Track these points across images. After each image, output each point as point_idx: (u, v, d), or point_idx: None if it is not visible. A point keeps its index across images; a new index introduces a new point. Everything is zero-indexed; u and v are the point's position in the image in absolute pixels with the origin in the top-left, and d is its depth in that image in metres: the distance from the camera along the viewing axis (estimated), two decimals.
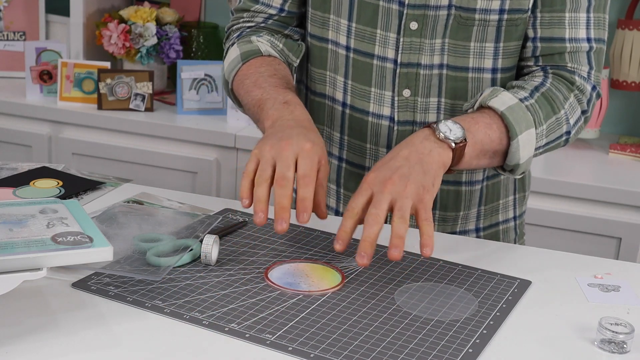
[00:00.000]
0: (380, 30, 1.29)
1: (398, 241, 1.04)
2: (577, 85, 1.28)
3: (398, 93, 1.31)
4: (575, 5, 1.26)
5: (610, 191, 2.11)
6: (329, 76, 1.36)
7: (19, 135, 2.57)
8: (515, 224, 1.46)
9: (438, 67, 1.29)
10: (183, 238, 1.16)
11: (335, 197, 1.43)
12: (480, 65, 1.29)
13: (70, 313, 0.98)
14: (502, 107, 1.20)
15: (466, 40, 1.28)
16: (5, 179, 1.37)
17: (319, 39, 1.36)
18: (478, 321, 1.02)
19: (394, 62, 1.30)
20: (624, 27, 2.38)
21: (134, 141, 2.48)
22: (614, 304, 1.10)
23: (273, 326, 0.97)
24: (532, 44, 1.29)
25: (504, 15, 1.26)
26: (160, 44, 2.63)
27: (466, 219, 1.40)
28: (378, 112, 1.33)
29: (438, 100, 1.31)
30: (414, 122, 1.32)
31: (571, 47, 1.27)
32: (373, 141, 1.35)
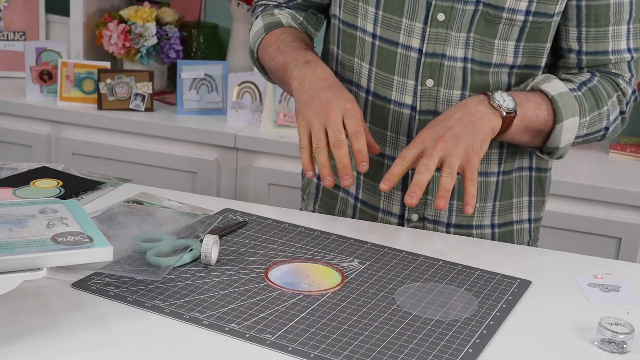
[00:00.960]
0: (405, 19, 1.31)
1: (445, 193, 1.16)
2: (621, 87, 1.35)
3: (421, 82, 1.32)
4: (618, 19, 1.31)
5: (610, 191, 2.11)
6: (356, 63, 1.38)
7: (19, 135, 2.57)
8: (530, 227, 1.46)
9: (462, 60, 1.31)
10: (183, 238, 1.16)
11: (355, 182, 1.42)
12: (502, 61, 1.32)
13: (70, 313, 0.98)
14: (553, 92, 1.28)
15: (491, 36, 1.30)
16: (5, 179, 1.37)
17: (350, 25, 1.38)
18: (478, 321, 1.02)
19: (418, 51, 1.31)
20: None
21: (134, 141, 2.48)
22: (614, 304, 1.10)
23: (273, 326, 0.97)
24: (576, 57, 1.35)
25: (530, 17, 1.28)
26: (160, 44, 2.63)
27: (482, 212, 1.40)
28: (400, 100, 1.34)
29: (462, 93, 1.32)
30: (435, 112, 1.33)
31: (614, 59, 1.34)
32: (394, 129, 1.36)
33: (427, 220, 1.38)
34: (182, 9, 2.80)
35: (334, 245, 1.22)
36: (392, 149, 1.37)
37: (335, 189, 1.46)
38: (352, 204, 1.43)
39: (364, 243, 1.23)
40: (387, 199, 1.39)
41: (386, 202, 1.39)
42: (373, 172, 1.39)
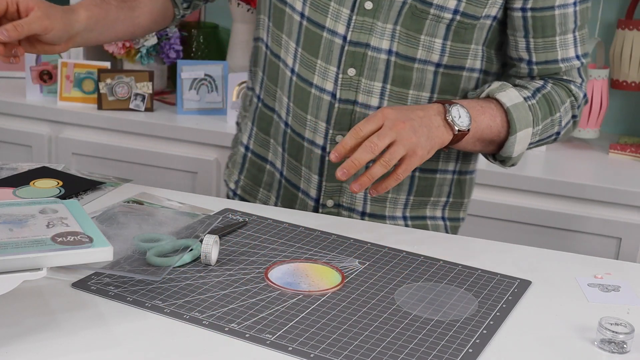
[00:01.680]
0: (334, 2, 1.31)
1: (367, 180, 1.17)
2: (573, 93, 1.38)
3: (343, 71, 1.32)
4: (564, 29, 1.33)
5: (610, 191, 2.10)
6: (284, 39, 1.38)
7: (19, 135, 2.57)
8: (445, 225, 1.47)
9: (386, 52, 1.31)
10: (183, 238, 1.16)
11: (280, 159, 1.44)
12: (428, 58, 1.32)
13: (70, 313, 0.98)
14: (508, 102, 1.30)
15: (417, 31, 1.30)
16: (5, 179, 1.37)
17: (280, 0, 1.37)
18: (478, 321, 1.02)
19: (343, 38, 1.31)
20: (624, 27, 2.38)
21: (134, 141, 2.48)
22: (614, 304, 1.10)
23: (273, 326, 0.97)
24: (527, 67, 1.37)
25: (457, 16, 1.30)
26: (160, 44, 2.63)
27: (395, 203, 1.41)
28: (321, 85, 1.34)
29: (383, 85, 1.33)
30: (355, 102, 1.34)
31: (565, 67, 1.37)
32: (314, 113, 1.36)
33: (342, 207, 1.40)
34: None
35: (334, 245, 1.22)
36: (312, 133, 1.37)
37: (262, 162, 1.47)
38: (278, 179, 1.45)
39: (364, 243, 1.23)
40: (306, 180, 1.40)
41: (305, 184, 1.41)
42: (295, 152, 1.40)
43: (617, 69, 2.41)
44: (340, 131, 1.35)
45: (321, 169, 1.38)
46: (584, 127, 2.39)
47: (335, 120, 1.35)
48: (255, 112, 1.47)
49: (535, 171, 2.17)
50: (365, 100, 1.33)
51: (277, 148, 1.44)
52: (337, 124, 1.35)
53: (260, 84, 1.46)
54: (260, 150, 1.47)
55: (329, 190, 1.39)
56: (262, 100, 1.45)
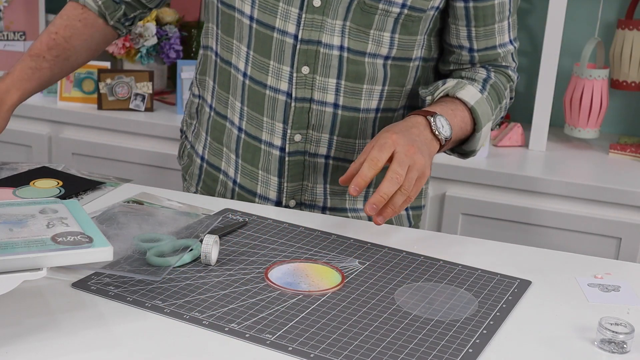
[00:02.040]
0: (282, 3, 1.31)
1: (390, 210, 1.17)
2: (511, 77, 1.44)
3: (297, 69, 1.33)
4: (502, 17, 1.38)
5: (610, 191, 2.11)
6: (235, 44, 1.38)
7: (19, 135, 2.57)
8: (408, 214, 1.50)
9: (338, 48, 1.33)
10: (183, 238, 1.16)
11: (234, 166, 1.44)
12: (377, 51, 1.35)
13: (70, 313, 0.98)
14: (471, 101, 1.34)
15: (367, 27, 1.32)
16: (5, 179, 1.37)
17: (228, 6, 1.37)
18: (478, 321, 1.02)
19: (294, 37, 1.32)
20: (624, 27, 2.38)
21: (134, 141, 2.48)
22: (614, 304, 1.10)
23: (273, 326, 0.97)
24: (469, 54, 1.41)
25: (405, 10, 1.32)
26: (160, 44, 2.63)
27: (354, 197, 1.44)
28: (276, 86, 1.35)
29: (337, 81, 1.34)
30: (311, 100, 1.35)
31: (502, 52, 1.42)
32: (270, 115, 1.37)
33: (304, 205, 1.42)
34: (182, 9, 2.80)
35: (334, 245, 1.22)
36: (269, 135, 1.38)
37: (216, 172, 1.47)
38: (231, 188, 1.45)
39: (364, 243, 1.23)
40: (264, 184, 1.41)
41: (263, 188, 1.41)
42: (251, 157, 1.41)
43: (617, 69, 2.41)
44: (298, 130, 1.36)
45: (280, 170, 1.39)
46: (584, 127, 2.39)
47: (292, 120, 1.36)
48: (209, 122, 1.47)
49: (535, 171, 2.18)
50: (321, 98, 1.35)
51: (230, 155, 1.44)
52: (295, 123, 1.36)
53: (211, 92, 1.46)
54: (214, 160, 1.47)
55: (290, 191, 1.40)
56: (214, 109, 1.45)
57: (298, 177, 1.40)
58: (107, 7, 1.47)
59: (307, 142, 1.38)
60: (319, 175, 1.41)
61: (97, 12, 1.46)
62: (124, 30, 1.51)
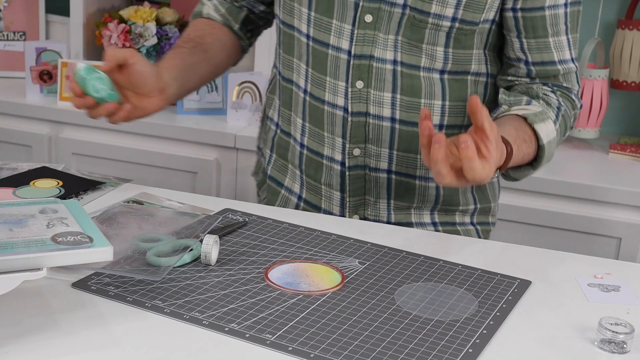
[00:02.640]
0: (336, 20, 1.32)
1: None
2: (574, 104, 1.39)
3: (351, 84, 1.33)
4: (555, 30, 1.33)
5: (610, 191, 2.10)
6: (295, 63, 1.40)
7: (19, 135, 2.57)
8: (477, 229, 1.47)
9: (392, 62, 1.32)
10: (183, 238, 1.16)
11: (299, 182, 1.45)
12: (432, 65, 1.33)
13: (70, 313, 0.98)
14: (545, 139, 1.30)
15: (418, 41, 1.31)
16: (5, 179, 1.37)
17: (288, 26, 1.39)
18: (478, 321, 1.02)
19: (347, 52, 1.32)
20: (624, 27, 2.38)
21: (134, 141, 2.48)
22: (614, 304, 1.10)
23: (273, 326, 0.97)
24: (525, 67, 1.36)
25: (456, 24, 1.30)
26: (160, 44, 2.63)
27: (420, 210, 1.42)
28: (333, 101, 1.35)
29: (393, 95, 1.33)
30: (367, 114, 1.34)
31: (562, 69, 1.36)
32: (329, 130, 1.37)
33: (367, 219, 1.40)
34: (182, 9, 2.79)
35: (334, 245, 1.22)
36: (330, 149, 1.38)
37: (277, 187, 1.48)
38: (295, 203, 1.46)
39: (364, 243, 1.23)
40: (328, 199, 1.41)
41: (327, 202, 1.41)
42: (314, 172, 1.41)
43: (617, 69, 2.41)
44: (356, 144, 1.36)
45: (342, 185, 1.39)
46: (584, 127, 2.39)
47: (350, 134, 1.36)
48: (274, 139, 1.49)
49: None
50: (377, 112, 1.34)
51: (295, 171, 1.45)
52: (353, 137, 1.36)
53: (277, 111, 1.48)
54: (277, 175, 1.49)
55: (352, 205, 1.40)
56: (280, 127, 1.47)
57: (360, 192, 1.39)
58: (231, 13, 1.49)
59: (366, 156, 1.37)
60: (382, 190, 1.39)
61: (221, 22, 1.49)
62: (246, 40, 1.53)
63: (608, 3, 2.48)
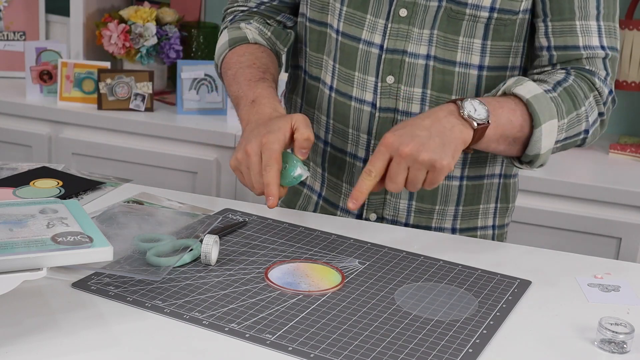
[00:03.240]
0: (370, 15, 1.31)
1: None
2: (597, 87, 1.29)
3: (382, 79, 1.32)
4: (584, 13, 1.27)
5: (610, 191, 2.10)
6: (324, 60, 1.38)
7: (19, 135, 2.57)
8: (493, 233, 1.44)
9: (425, 57, 1.30)
10: (183, 238, 1.16)
11: (320, 180, 1.44)
12: (468, 60, 1.30)
13: (70, 313, 0.98)
14: (527, 94, 1.21)
15: (455, 34, 1.29)
16: (5, 179, 1.37)
17: (319, 23, 1.38)
18: (478, 321, 1.02)
19: (379, 47, 1.31)
20: (624, 27, 2.38)
21: (134, 141, 2.48)
22: (614, 304, 1.10)
23: (273, 326, 0.97)
24: (547, 53, 1.30)
25: (494, 14, 1.27)
26: (160, 44, 2.63)
27: (442, 215, 1.39)
28: (360, 97, 1.34)
29: (423, 91, 1.31)
30: (396, 110, 1.33)
31: (587, 54, 1.28)
32: (355, 126, 1.36)
33: (385, 220, 1.39)
34: (182, 9, 2.80)
35: (334, 245, 1.22)
36: (354, 147, 1.37)
37: (300, 186, 1.47)
38: (315, 201, 1.45)
39: (364, 243, 1.23)
40: (347, 197, 1.39)
41: (346, 200, 1.38)
42: (337, 170, 1.40)
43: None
44: None
45: None
46: None
47: (376, 131, 1.34)
48: None
49: (535, 171, 2.17)
50: (405, 108, 1.32)
51: (317, 169, 1.44)
52: (378, 133, 1.34)
53: (299, 110, 1.46)
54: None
55: (372, 204, 1.38)
56: None
57: (381, 191, 1.34)
58: (278, 36, 1.45)
59: None
60: (404, 190, 1.34)
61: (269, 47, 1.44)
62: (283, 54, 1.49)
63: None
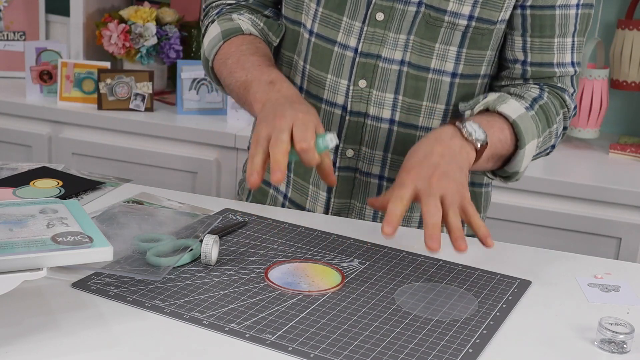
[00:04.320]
0: (346, 17, 1.29)
1: (460, 234, 1.08)
2: (567, 104, 1.34)
3: (354, 82, 1.31)
4: (563, 30, 1.30)
5: (610, 191, 2.10)
6: (295, 59, 1.37)
7: (19, 135, 2.57)
8: None
9: (399, 62, 1.29)
10: (183, 238, 1.16)
11: (285, 180, 1.41)
12: (442, 67, 1.30)
13: (70, 313, 0.98)
14: (513, 114, 1.24)
15: (432, 40, 1.28)
16: (5, 179, 1.37)
17: (292, 21, 1.36)
18: (478, 321, 1.02)
19: (354, 50, 1.30)
20: (624, 27, 2.38)
21: (134, 141, 2.48)
22: (614, 304, 1.10)
23: (273, 326, 0.97)
24: (521, 67, 1.33)
25: (472, 22, 1.27)
26: (160, 44, 2.63)
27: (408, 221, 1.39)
28: (331, 99, 1.33)
29: (395, 96, 1.31)
30: (366, 115, 1.32)
31: (559, 72, 1.32)
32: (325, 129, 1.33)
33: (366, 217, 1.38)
34: (182, 9, 2.80)
35: (334, 245, 1.22)
36: None
37: (266, 186, 1.46)
38: (281, 202, 1.44)
39: (364, 243, 1.23)
40: (313, 200, 1.39)
41: (311, 203, 1.39)
42: (303, 172, 1.39)
43: (617, 69, 2.41)
44: (350, 145, 1.34)
45: (329, 186, 1.36)
46: (584, 127, 2.39)
47: (345, 134, 1.33)
48: None
49: (535, 171, 2.17)
50: (376, 113, 1.32)
51: None
52: (348, 137, 1.34)
53: None
54: (266, 175, 1.42)
55: (336, 208, 1.38)
56: None
57: (346, 195, 1.36)
58: (270, 27, 1.39)
59: (359, 159, 1.35)
60: (370, 196, 1.35)
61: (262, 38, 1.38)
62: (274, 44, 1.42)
63: (608, 3, 2.48)
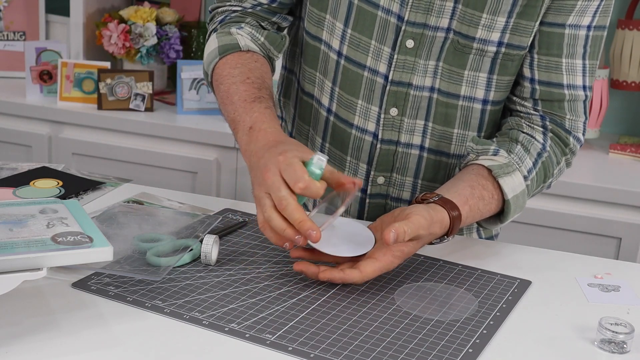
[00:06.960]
0: (375, 41, 1.26)
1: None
2: (570, 148, 1.30)
3: (385, 110, 1.28)
4: (571, 51, 1.25)
5: (610, 191, 2.10)
6: (318, 77, 1.33)
7: (19, 135, 2.57)
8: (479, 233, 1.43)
9: (429, 89, 1.27)
10: (183, 238, 1.16)
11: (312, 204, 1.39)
12: (472, 94, 1.28)
13: (70, 313, 0.98)
14: (510, 193, 1.21)
15: (461, 67, 1.26)
16: (5, 179, 1.37)
17: (313, 37, 1.32)
18: (478, 321, 1.02)
19: (384, 77, 1.27)
20: (624, 27, 2.38)
21: (134, 141, 2.48)
22: (614, 304, 1.10)
23: (273, 326, 0.97)
24: (530, 85, 1.28)
25: (502, 49, 1.24)
26: (160, 44, 2.63)
27: None
28: (362, 126, 1.30)
29: (425, 123, 1.29)
30: (397, 143, 1.30)
31: (569, 95, 1.27)
32: (354, 155, 1.33)
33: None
34: (182, 9, 2.80)
35: None
36: (351, 175, 1.33)
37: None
38: None
39: None
40: None
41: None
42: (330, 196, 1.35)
43: (617, 69, 2.41)
44: (381, 172, 1.32)
45: (360, 212, 1.36)
46: None
47: (377, 162, 1.31)
48: None
49: None
50: (407, 140, 1.30)
51: None
52: (379, 165, 1.32)
53: (292, 121, 1.42)
54: None
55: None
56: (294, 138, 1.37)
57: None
58: (272, 41, 1.34)
59: (390, 185, 1.33)
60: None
61: (262, 54, 1.33)
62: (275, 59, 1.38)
63: None
